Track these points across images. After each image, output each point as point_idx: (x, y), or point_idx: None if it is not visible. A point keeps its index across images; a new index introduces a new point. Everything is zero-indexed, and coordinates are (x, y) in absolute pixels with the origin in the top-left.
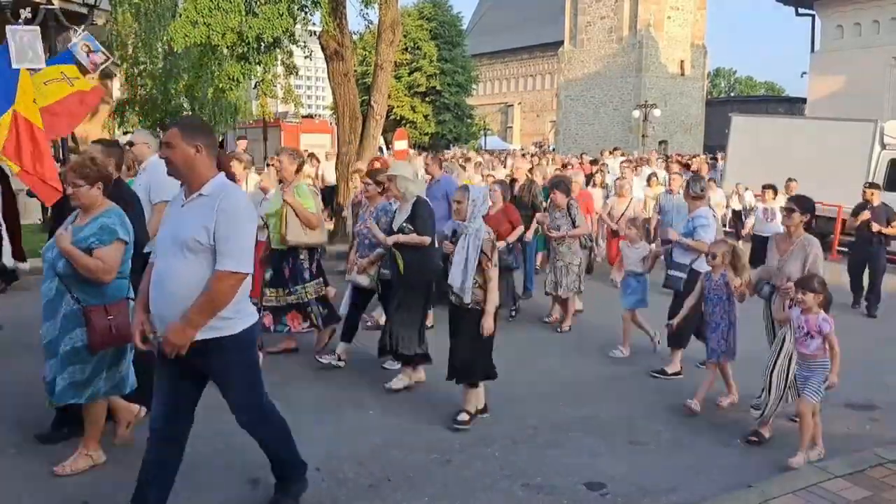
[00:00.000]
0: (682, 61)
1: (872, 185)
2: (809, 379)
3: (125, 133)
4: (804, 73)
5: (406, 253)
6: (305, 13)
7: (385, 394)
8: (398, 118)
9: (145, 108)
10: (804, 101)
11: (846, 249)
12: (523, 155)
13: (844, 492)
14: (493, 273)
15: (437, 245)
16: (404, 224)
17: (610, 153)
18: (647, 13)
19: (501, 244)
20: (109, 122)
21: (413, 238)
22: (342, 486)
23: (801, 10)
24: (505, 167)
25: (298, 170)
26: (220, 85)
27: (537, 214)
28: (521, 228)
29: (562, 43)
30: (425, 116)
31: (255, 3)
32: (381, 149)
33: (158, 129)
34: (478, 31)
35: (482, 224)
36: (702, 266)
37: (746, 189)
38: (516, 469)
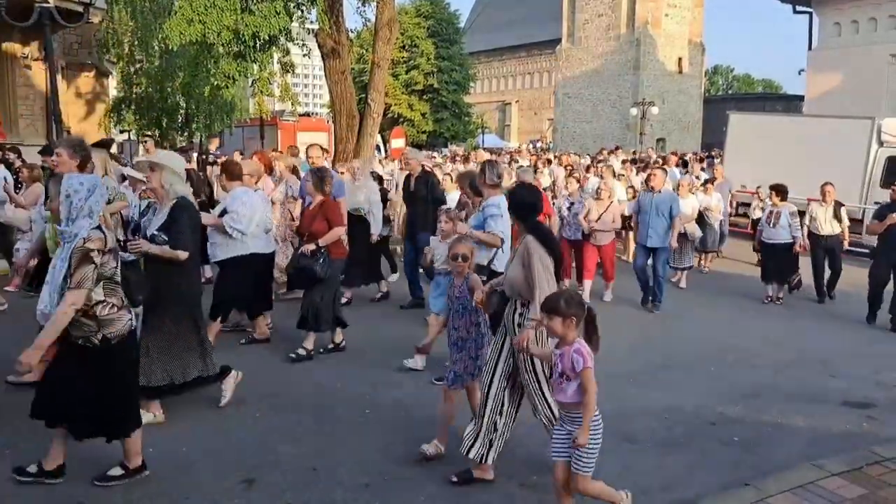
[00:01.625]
0: (679, 59)
1: None
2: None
3: (122, 132)
4: (802, 70)
5: (156, 268)
6: (302, 11)
7: (381, 393)
8: (396, 116)
9: (141, 107)
10: (802, 98)
11: (865, 253)
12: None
13: (841, 490)
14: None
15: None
16: (157, 232)
17: (610, 153)
18: (644, 11)
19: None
20: (105, 121)
21: (165, 251)
22: (339, 485)
23: (798, 8)
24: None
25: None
26: (217, 83)
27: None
28: (338, 230)
29: (560, 41)
30: (423, 114)
31: (252, 0)
32: (378, 147)
33: (154, 128)
34: (475, 29)
35: (84, 226)
36: (500, 264)
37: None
38: (513, 467)
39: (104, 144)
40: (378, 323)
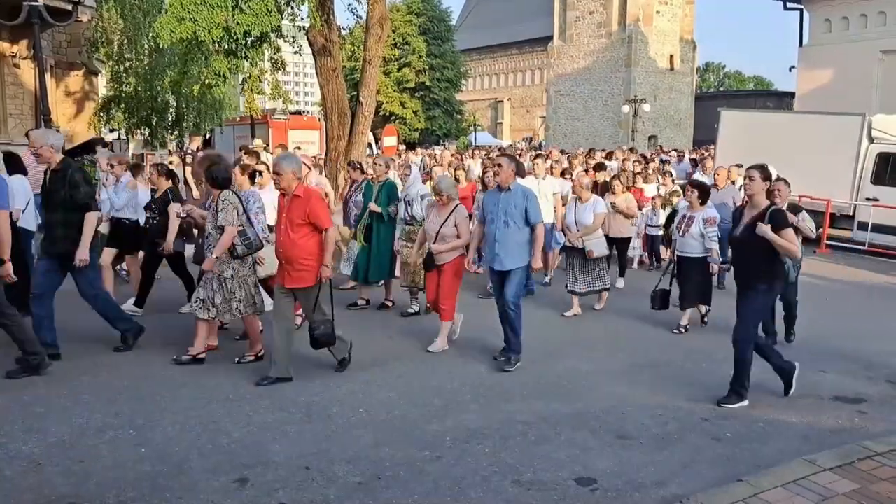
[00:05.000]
0: (671, 56)
1: None
2: None
3: (111, 131)
4: (793, 67)
5: None
6: (293, 8)
7: (374, 392)
8: (387, 114)
9: (131, 106)
10: (793, 95)
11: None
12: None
13: (834, 484)
14: None
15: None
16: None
17: (607, 156)
18: (635, 8)
19: None
20: (95, 120)
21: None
22: (332, 484)
23: (789, 5)
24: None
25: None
26: (207, 81)
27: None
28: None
29: (551, 38)
30: (415, 112)
31: None
32: (370, 145)
33: (143, 127)
34: (467, 27)
35: None
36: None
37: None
38: (507, 465)
39: (93, 143)
40: (372, 324)
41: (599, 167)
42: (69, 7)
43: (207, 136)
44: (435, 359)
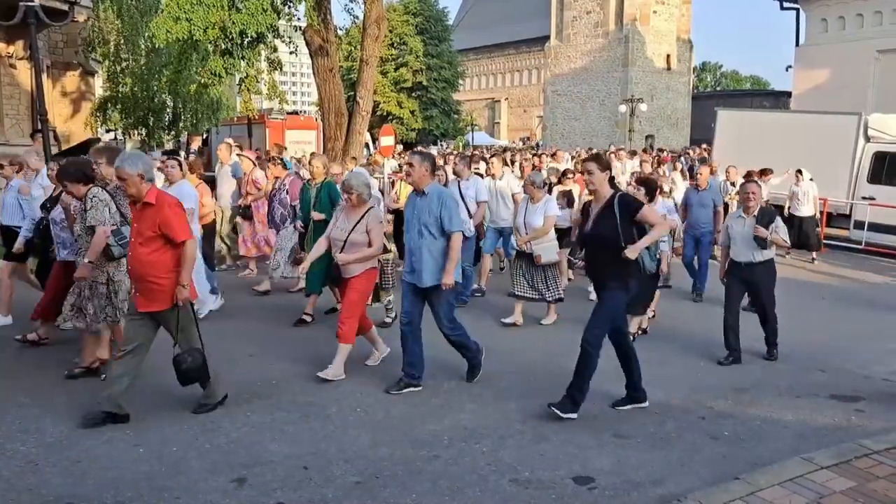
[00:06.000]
0: (668, 56)
1: None
2: None
3: (108, 131)
4: (789, 66)
5: None
6: (289, 8)
7: (372, 392)
8: (385, 114)
9: (127, 106)
10: (789, 94)
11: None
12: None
13: (830, 482)
14: None
15: None
16: None
17: (614, 153)
18: (632, 7)
19: None
20: (91, 120)
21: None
22: (330, 483)
23: (785, 4)
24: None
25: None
26: (203, 80)
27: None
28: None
29: (548, 38)
30: (412, 112)
31: None
32: (367, 145)
33: (140, 127)
34: (464, 27)
35: None
36: None
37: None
38: (504, 464)
39: (89, 144)
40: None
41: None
42: (65, 7)
43: (204, 135)
44: (432, 358)
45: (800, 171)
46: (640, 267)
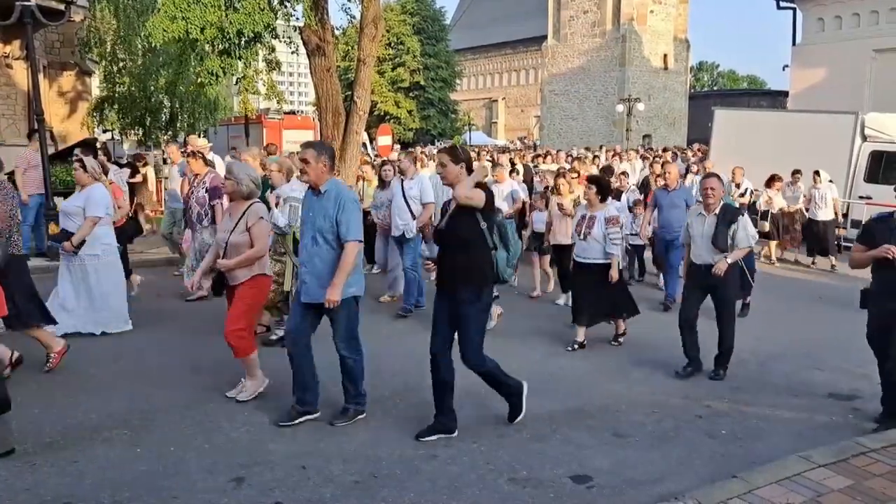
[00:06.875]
0: (665, 55)
1: None
2: None
3: (105, 131)
4: (786, 66)
5: None
6: (287, 7)
7: (369, 391)
8: (382, 114)
9: (124, 106)
10: (786, 94)
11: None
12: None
13: (828, 481)
14: None
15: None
16: None
17: (615, 155)
18: (629, 7)
19: None
20: (88, 120)
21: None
22: (329, 483)
23: (782, 4)
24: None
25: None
26: (201, 80)
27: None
28: None
29: (545, 37)
30: (409, 112)
31: None
32: (364, 145)
33: (137, 127)
34: (461, 26)
35: None
36: None
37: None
38: (502, 463)
39: (87, 143)
40: (368, 323)
41: (607, 171)
42: (62, 7)
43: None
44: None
45: (817, 173)
46: (496, 269)
